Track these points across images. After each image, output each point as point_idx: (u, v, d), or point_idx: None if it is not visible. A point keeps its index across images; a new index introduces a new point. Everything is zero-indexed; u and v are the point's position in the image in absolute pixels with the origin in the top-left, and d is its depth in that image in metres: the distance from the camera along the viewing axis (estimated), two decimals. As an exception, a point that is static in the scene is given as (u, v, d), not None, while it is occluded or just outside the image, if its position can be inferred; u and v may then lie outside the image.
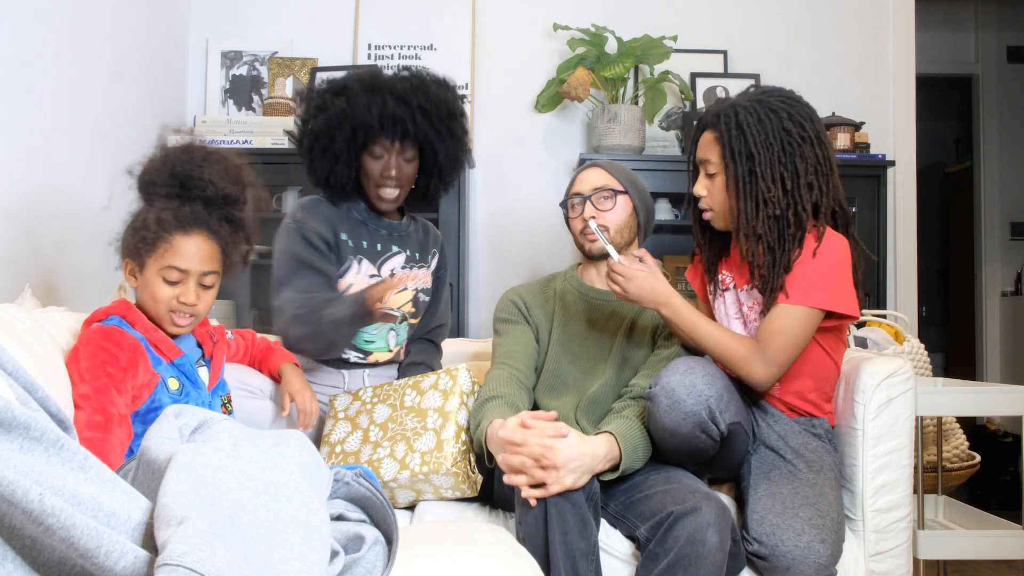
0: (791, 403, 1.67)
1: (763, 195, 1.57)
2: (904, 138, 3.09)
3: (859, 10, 3.19)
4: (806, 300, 1.55)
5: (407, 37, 3.10)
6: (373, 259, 1.88)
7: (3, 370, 0.81)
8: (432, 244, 2.02)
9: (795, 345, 1.56)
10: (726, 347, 1.57)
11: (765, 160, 1.57)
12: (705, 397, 1.46)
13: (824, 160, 1.59)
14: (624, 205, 1.82)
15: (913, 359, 2.37)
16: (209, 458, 0.81)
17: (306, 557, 0.80)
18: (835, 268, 1.57)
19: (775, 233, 1.58)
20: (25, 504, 0.64)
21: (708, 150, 1.65)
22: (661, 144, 3.06)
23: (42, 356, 1.32)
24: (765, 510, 1.49)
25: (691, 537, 1.37)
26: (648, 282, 1.59)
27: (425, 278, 1.97)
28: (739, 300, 1.70)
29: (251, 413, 1.63)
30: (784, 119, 1.58)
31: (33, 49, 2.09)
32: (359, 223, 1.88)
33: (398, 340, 1.95)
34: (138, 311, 1.44)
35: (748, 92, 1.67)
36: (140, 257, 1.43)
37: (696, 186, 1.69)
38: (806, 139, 1.58)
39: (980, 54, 4.72)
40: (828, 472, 1.57)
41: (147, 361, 1.39)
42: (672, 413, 1.47)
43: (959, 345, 5.01)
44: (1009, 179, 4.68)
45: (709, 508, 1.40)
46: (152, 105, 2.81)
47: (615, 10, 3.11)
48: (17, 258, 1.99)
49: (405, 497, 1.64)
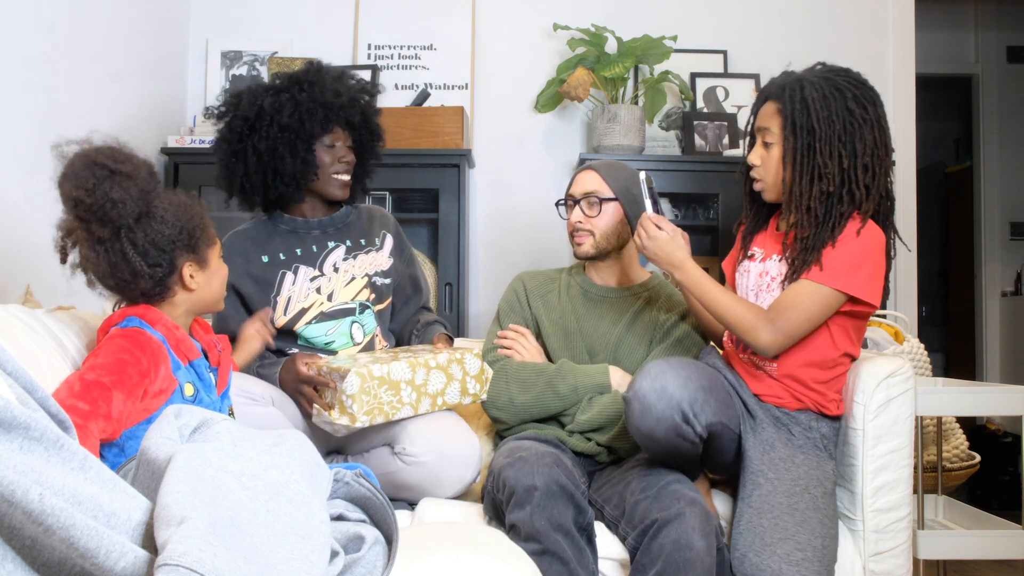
0: (789, 388, 1.65)
1: (819, 170, 1.58)
2: (904, 138, 3.10)
3: (859, 10, 3.19)
4: (833, 281, 1.56)
5: (407, 37, 3.11)
6: (311, 262, 1.90)
7: (3, 370, 0.81)
8: (379, 227, 2.02)
9: (808, 320, 1.57)
10: (735, 312, 1.59)
11: (825, 136, 1.58)
12: (676, 401, 1.47)
13: (882, 145, 1.61)
14: (612, 213, 1.85)
15: (913, 359, 2.37)
16: (209, 458, 0.81)
17: (306, 557, 0.80)
18: (869, 256, 1.58)
19: (824, 208, 1.59)
20: (25, 504, 0.64)
21: (769, 119, 1.66)
22: (661, 144, 3.06)
23: (40, 356, 1.32)
24: (746, 547, 1.49)
25: (677, 543, 1.39)
26: (667, 245, 1.65)
27: (377, 261, 1.97)
28: (765, 271, 1.70)
29: (254, 420, 1.63)
30: (849, 99, 1.60)
31: (33, 49, 2.09)
32: (287, 233, 1.92)
33: (365, 331, 1.93)
34: (157, 311, 1.39)
35: (815, 68, 1.69)
36: (199, 251, 1.41)
37: (751, 155, 1.70)
38: (868, 121, 1.60)
39: (980, 54, 4.72)
40: (815, 488, 1.55)
41: (168, 365, 1.36)
42: (645, 419, 1.49)
43: (959, 345, 5.01)
44: (1009, 179, 4.68)
45: (693, 514, 1.42)
46: (152, 105, 2.81)
47: (615, 10, 3.11)
48: (17, 258, 1.99)
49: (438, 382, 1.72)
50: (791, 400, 1.65)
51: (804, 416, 1.64)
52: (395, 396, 1.66)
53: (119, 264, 1.34)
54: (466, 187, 2.89)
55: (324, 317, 1.88)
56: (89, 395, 1.22)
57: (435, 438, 1.69)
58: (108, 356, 1.29)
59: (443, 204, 2.77)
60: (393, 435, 1.73)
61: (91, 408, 1.21)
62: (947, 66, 4.70)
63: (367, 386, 1.62)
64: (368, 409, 1.62)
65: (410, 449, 1.68)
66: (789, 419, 1.64)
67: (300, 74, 1.89)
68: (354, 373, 1.61)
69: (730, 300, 1.61)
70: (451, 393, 1.75)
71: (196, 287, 1.42)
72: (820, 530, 1.50)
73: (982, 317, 4.67)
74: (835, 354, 1.64)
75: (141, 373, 1.29)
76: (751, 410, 1.66)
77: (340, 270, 1.91)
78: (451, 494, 1.71)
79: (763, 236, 1.76)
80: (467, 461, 1.69)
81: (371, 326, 1.94)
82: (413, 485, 1.69)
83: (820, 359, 1.63)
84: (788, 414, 1.64)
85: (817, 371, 1.64)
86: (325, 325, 1.88)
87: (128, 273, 1.34)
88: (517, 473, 1.49)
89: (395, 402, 1.66)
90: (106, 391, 1.24)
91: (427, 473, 1.67)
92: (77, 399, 1.20)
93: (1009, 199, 4.68)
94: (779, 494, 1.54)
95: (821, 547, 1.48)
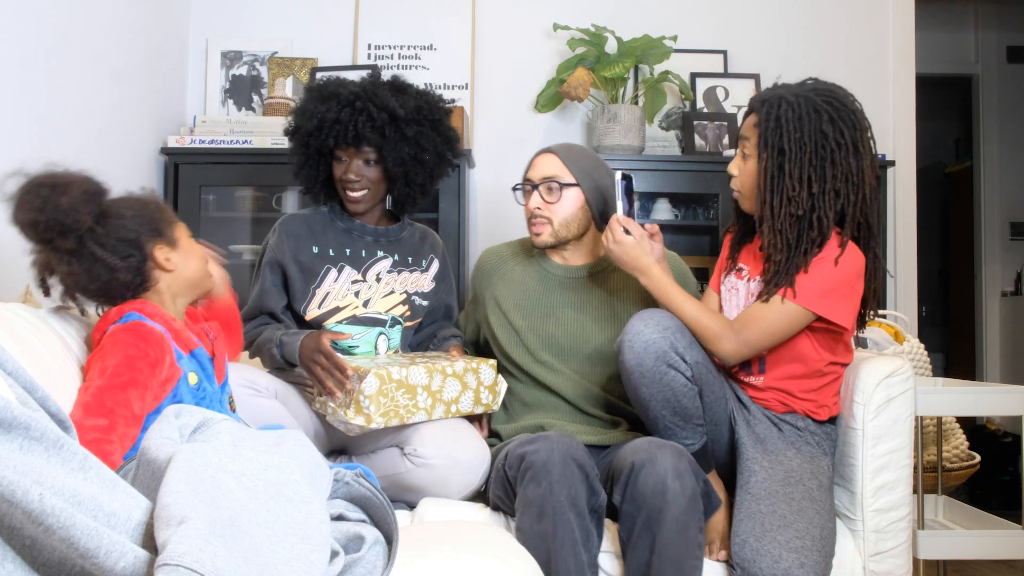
0: (776, 396, 1.66)
1: (788, 193, 1.56)
2: (904, 138, 3.09)
3: (859, 10, 3.19)
4: (803, 301, 1.55)
5: (407, 37, 3.10)
6: (357, 265, 1.92)
7: (3, 370, 0.81)
8: (429, 250, 2.04)
9: (773, 335, 1.57)
10: (700, 320, 1.59)
11: (795, 158, 1.55)
12: (663, 327, 1.53)
13: (859, 171, 1.57)
14: (573, 198, 1.81)
15: (913, 359, 2.37)
16: (209, 458, 0.81)
17: (306, 557, 0.80)
18: (845, 281, 1.56)
19: (795, 232, 1.57)
20: (25, 504, 0.64)
21: (749, 131, 1.65)
22: (661, 144, 3.06)
23: (44, 356, 1.31)
24: (746, 533, 1.49)
25: (654, 489, 1.42)
26: (633, 250, 1.64)
27: (419, 282, 1.99)
28: (751, 292, 1.69)
29: (256, 410, 1.64)
30: (824, 121, 1.56)
31: (33, 48, 2.09)
32: (343, 231, 1.94)
33: (390, 344, 1.95)
34: (153, 304, 1.41)
35: (804, 83, 1.66)
36: (166, 234, 1.43)
37: (731, 164, 1.70)
38: (842, 146, 1.55)
39: (980, 54, 4.72)
40: (810, 481, 1.55)
41: (172, 354, 1.38)
42: (635, 346, 1.52)
43: (959, 345, 5.01)
44: (1009, 179, 4.68)
45: (664, 455, 1.45)
46: (152, 105, 2.81)
47: (615, 10, 3.11)
48: (17, 258, 1.99)
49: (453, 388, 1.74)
50: (779, 406, 1.66)
51: (792, 416, 1.65)
52: (411, 400, 1.67)
53: (94, 267, 1.37)
54: (466, 187, 2.89)
55: (355, 321, 1.90)
56: (103, 407, 1.24)
57: (446, 442, 1.70)
58: (115, 355, 1.30)
59: (443, 204, 2.77)
60: (404, 437, 1.74)
61: (109, 422, 1.22)
62: (947, 66, 4.69)
63: (385, 388, 1.63)
64: (384, 411, 1.63)
65: (421, 451, 1.68)
66: (779, 419, 1.64)
67: (317, 87, 1.91)
68: (373, 374, 1.62)
69: (695, 308, 1.60)
70: (464, 402, 1.76)
71: (174, 267, 1.44)
72: (817, 520, 1.50)
73: (982, 317, 4.67)
74: (821, 364, 1.63)
75: (151, 364, 1.31)
76: (744, 402, 1.67)
77: (382, 281, 1.93)
78: (456, 499, 1.72)
79: (750, 250, 1.73)
80: (476, 467, 1.70)
81: (396, 342, 1.96)
82: (420, 487, 1.69)
83: (806, 371, 1.63)
84: (778, 415, 1.65)
85: (805, 381, 1.64)
86: (353, 328, 1.89)
87: (105, 272, 1.37)
88: (538, 447, 1.50)
89: (411, 406, 1.67)
90: (120, 393, 1.26)
91: (436, 476, 1.68)
92: (94, 416, 1.22)
93: (1009, 199, 4.68)
94: (774, 482, 1.55)
95: (819, 536, 1.48)
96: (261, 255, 1.96)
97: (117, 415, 1.24)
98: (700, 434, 1.60)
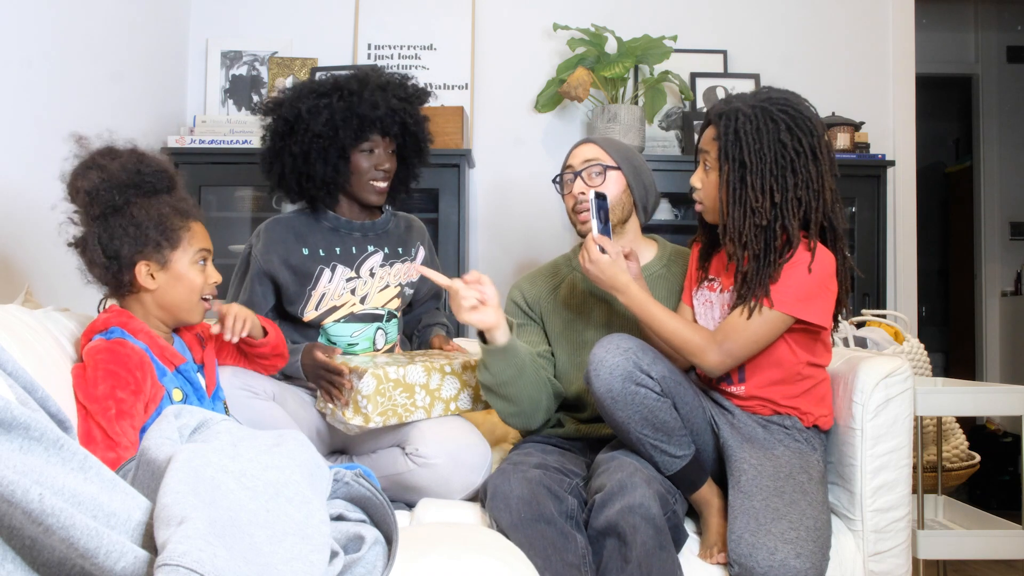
0: (761, 404, 1.65)
1: (751, 204, 1.56)
2: (904, 138, 3.09)
3: (859, 10, 3.19)
4: (781, 307, 1.55)
5: (407, 37, 3.11)
6: (349, 263, 1.91)
7: (3, 370, 0.81)
8: (416, 238, 2.04)
9: (756, 343, 1.57)
10: (682, 336, 1.59)
11: (756, 170, 1.56)
12: (624, 349, 1.53)
13: (817, 176, 1.58)
14: (616, 181, 1.80)
15: (913, 359, 2.37)
16: (209, 458, 0.82)
17: (306, 557, 0.80)
18: (820, 282, 1.57)
19: (761, 243, 1.57)
20: (25, 504, 0.64)
21: (709, 144, 1.65)
22: (661, 144, 3.06)
23: (43, 356, 1.32)
24: (741, 529, 1.49)
25: (623, 511, 1.43)
26: (610, 268, 1.63)
27: (410, 271, 1.99)
28: (724, 302, 1.69)
29: (254, 414, 1.63)
30: (782, 130, 1.56)
31: (33, 49, 2.09)
32: (330, 231, 1.92)
33: (388, 339, 1.95)
34: (138, 320, 1.42)
35: (758, 93, 1.64)
36: (163, 253, 1.42)
37: (693, 176, 1.69)
38: (801, 153, 1.56)
39: (980, 54, 4.72)
40: (800, 475, 1.55)
41: (153, 374, 1.37)
42: (600, 374, 1.52)
43: (959, 345, 5.01)
44: (1009, 179, 4.68)
45: (634, 484, 1.46)
46: (152, 105, 2.81)
47: (615, 10, 3.11)
48: (17, 258, 1.99)
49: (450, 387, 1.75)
50: (765, 411, 1.66)
51: (779, 417, 1.65)
52: (409, 399, 1.67)
53: (86, 251, 1.43)
54: (466, 187, 2.89)
55: (353, 318, 1.90)
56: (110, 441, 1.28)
57: (448, 441, 1.70)
58: (100, 383, 1.31)
59: (443, 204, 2.77)
60: (405, 436, 1.74)
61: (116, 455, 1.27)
62: (947, 66, 4.69)
63: (383, 387, 1.63)
64: (382, 410, 1.63)
65: (423, 451, 1.68)
66: (766, 420, 1.65)
67: (343, 80, 1.88)
68: (371, 374, 1.62)
69: (677, 324, 1.60)
70: (463, 399, 1.76)
71: (156, 287, 1.43)
72: (810, 511, 1.50)
73: (982, 317, 4.67)
74: (799, 366, 1.63)
75: (133, 392, 1.32)
76: (727, 407, 1.67)
77: (376, 275, 1.93)
78: (457, 499, 1.72)
79: (720, 260, 1.72)
80: (478, 466, 1.70)
81: (393, 335, 1.97)
82: (422, 487, 1.69)
83: (783, 375, 1.63)
84: (765, 417, 1.65)
85: (786, 387, 1.64)
86: (352, 326, 1.90)
87: (89, 263, 1.43)
88: (497, 481, 1.54)
89: (409, 405, 1.67)
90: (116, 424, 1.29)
91: (438, 476, 1.68)
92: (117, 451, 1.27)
93: (1009, 199, 4.68)
94: (764, 477, 1.54)
95: (814, 527, 1.48)
96: (245, 262, 1.92)
97: (123, 446, 1.28)
98: (687, 444, 1.60)
